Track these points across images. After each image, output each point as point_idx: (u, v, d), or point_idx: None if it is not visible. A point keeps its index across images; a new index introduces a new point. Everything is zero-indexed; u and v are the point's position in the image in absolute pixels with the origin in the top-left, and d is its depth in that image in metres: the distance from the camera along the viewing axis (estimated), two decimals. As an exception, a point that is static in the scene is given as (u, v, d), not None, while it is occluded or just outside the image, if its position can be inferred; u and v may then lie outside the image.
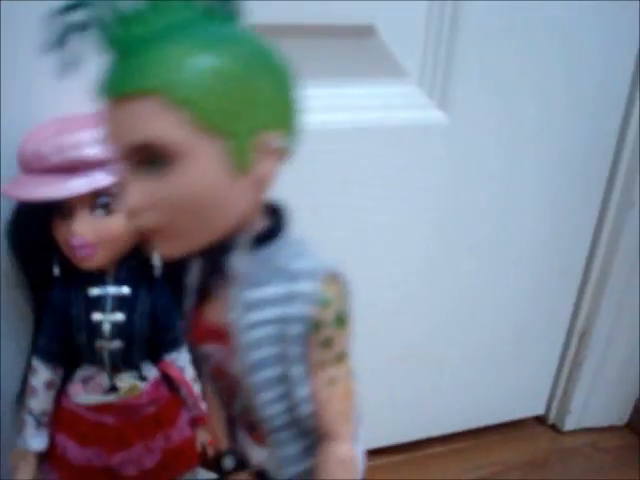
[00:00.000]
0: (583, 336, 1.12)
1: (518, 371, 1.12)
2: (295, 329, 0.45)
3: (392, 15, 0.80)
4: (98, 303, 0.69)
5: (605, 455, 1.15)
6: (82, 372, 0.71)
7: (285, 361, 0.47)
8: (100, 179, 0.63)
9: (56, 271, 0.70)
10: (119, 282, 0.70)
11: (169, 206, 0.41)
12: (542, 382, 1.17)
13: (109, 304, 0.69)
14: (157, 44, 0.39)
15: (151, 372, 0.73)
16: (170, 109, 0.39)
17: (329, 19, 0.79)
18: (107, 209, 0.65)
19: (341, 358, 0.48)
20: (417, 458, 1.10)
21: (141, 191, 0.41)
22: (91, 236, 0.65)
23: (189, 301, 0.52)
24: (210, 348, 0.51)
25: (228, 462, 0.59)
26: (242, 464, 0.58)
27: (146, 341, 0.71)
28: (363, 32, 0.81)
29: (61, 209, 0.65)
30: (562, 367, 1.16)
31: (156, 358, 0.73)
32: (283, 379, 0.47)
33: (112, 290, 0.69)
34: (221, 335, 0.48)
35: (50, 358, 0.70)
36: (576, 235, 1.05)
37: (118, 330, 0.69)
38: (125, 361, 0.70)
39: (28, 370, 0.73)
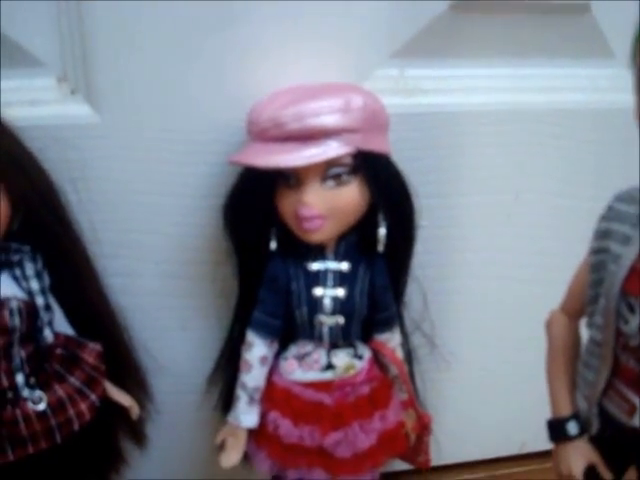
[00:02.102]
0: None
1: None
2: None
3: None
4: (319, 278, 0.68)
5: None
6: (298, 348, 0.70)
7: None
8: (335, 149, 0.61)
9: (274, 245, 0.69)
10: (339, 257, 0.68)
11: None
12: None
13: (330, 279, 0.68)
14: None
15: (366, 351, 0.71)
16: None
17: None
18: (338, 180, 0.64)
19: None
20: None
21: None
22: (321, 207, 0.64)
23: (633, 251, 0.50)
24: None
25: (572, 428, 0.58)
26: (584, 431, 0.58)
27: (363, 318, 0.69)
28: (578, 10, 0.78)
29: (289, 179, 0.64)
30: None
31: (369, 337, 0.71)
32: None
33: (333, 265, 0.68)
34: None
35: (267, 332, 0.69)
36: None
37: (339, 306, 0.67)
38: (343, 338, 0.69)
39: (231, 345, 0.74)
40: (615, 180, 0.55)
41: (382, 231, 0.67)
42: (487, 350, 0.89)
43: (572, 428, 0.59)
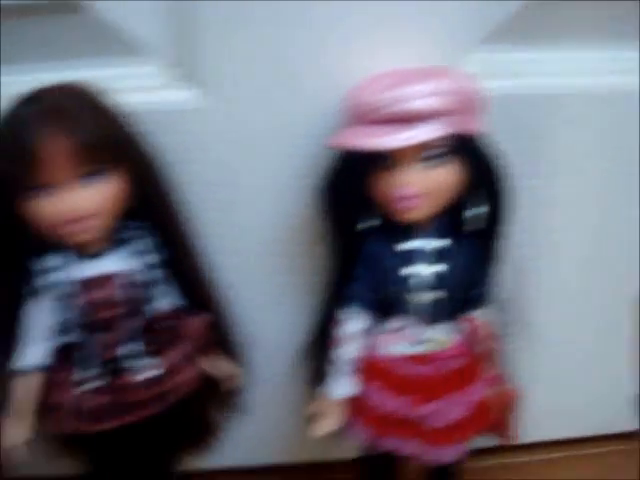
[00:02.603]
0: None
1: None
2: None
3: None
4: (414, 255, 0.70)
5: None
6: (394, 323, 0.73)
7: None
8: (430, 131, 0.63)
9: (370, 224, 0.72)
10: (434, 235, 0.70)
11: None
12: None
13: (426, 256, 0.70)
14: None
15: (458, 327, 0.73)
16: None
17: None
18: (434, 161, 0.66)
19: None
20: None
21: None
22: (419, 187, 0.66)
23: None
24: None
25: None
26: None
27: (458, 295, 0.71)
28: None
29: (385, 161, 0.67)
30: None
31: (462, 313, 0.73)
32: None
33: (427, 243, 0.70)
34: None
35: (363, 307, 0.72)
36: None
37: (436, 282, 0.70)
38: (438, 313, 0.71)
39: (325, 318, 0.76)
40: None
41: (479, 210, 0.70)
42: (576, 329, 0.90)
43: None
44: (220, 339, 0.77)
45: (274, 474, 0.98)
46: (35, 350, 0.67)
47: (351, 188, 0.71)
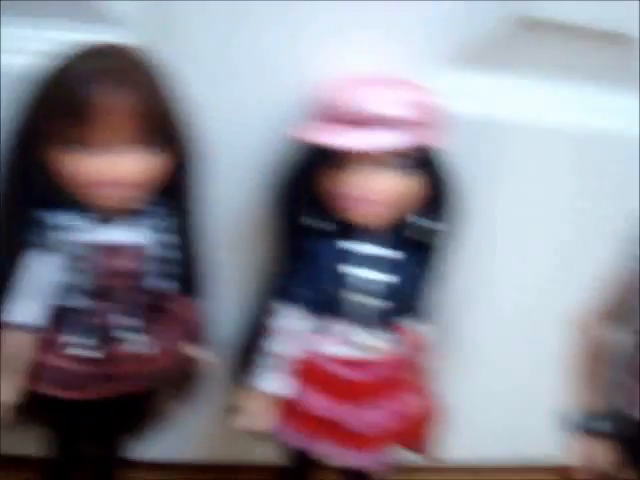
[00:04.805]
0: None
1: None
2: None
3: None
4: (362, 260, 0.71)
5: None
6: (331, 325, 0.73)
7: None
8: (396, 139, 0.65)
9: (321, 224, 0.73)
10: (384, 244, 0.72)
11: None
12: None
13: (374, 263, 0.71)
14: None
15: (395, 335, 0.75)
16: None
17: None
18: (400, 170, 0.68)
19: None
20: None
21: None
22: (380, 193, 0.68)
23: None
24: None
25: (603, 425, 0.63)
26: (612, 429, 0.63)
27: (399, 305, 0.73)
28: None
29: (342, 160, 0.68)
30: None
31: (402, 324, 0.75)
32: None
33: (377, 250, 0.72)
34: None
35: (300, 305, 0.72)
36: None
37: (379, 289, 0.71)
38: (378, 320, 0.73)
39: (263, 314, 0.76)
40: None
41: (429, 224, 0.72)
42: (511, 355, 0.95)
43: (601, 425, 0.63)
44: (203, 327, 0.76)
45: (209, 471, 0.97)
46: (33, 307, 0.65)
47: (303, 184, 0.72)
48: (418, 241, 0.73)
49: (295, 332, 0.74)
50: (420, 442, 0.82)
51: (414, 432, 0.79)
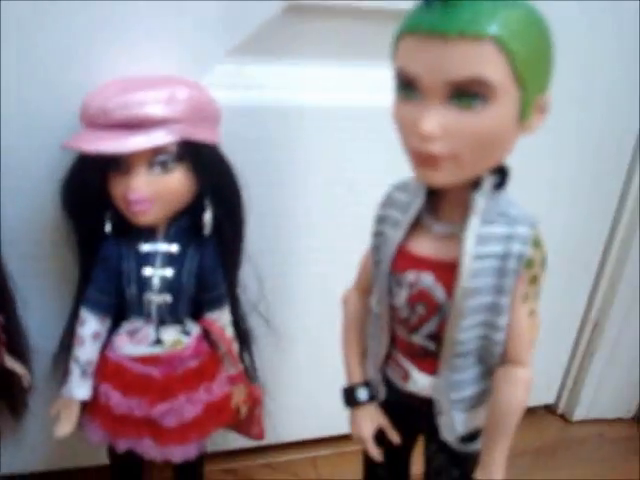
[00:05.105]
0: (596, 327, 1.15)
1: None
2: (512, 264, 0.52)
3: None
4: (148, 259, 0.72)
5: (611, 445, 1.18)
6: (129, 325, 0.75)
7: (498, 292, 0.53)
8: (161, 137, 0.66)
9: (108, 227, 0.73)
10: (169, 240, 0.73)
11: (467, 138, 0.47)
12: (554, 372, 1.20)
13: (159, 260, 0.72)
14: None
15: (194, 328, 0.76)
16: (499, 55, 0.45)
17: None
18: (164, 167, 0.68)
19: (538, 295, 0.55)
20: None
21: (442, 120, 0.47)
22: (148, 192, 0.68)
23: (399, 234, 0.57)
24: (413, 275, 0.56)
25: (362, 394, 0.65)
26: (373, 397, 0.65)
27: (191, 297, 0.74)
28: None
29: (119, 165, 0.68)
30: (574, 358, 1.19)
31: (199, 315, 0.76)
32: (490, 307, 0.54)
33: (162, 247, 0.73)
34: (427, 264, 0.55)
35: (99, 310, 0.73)
36: (592, 230, 1.09)
37: (167, 285, 0.72)
38: (171, 315, 0.74)
39: (73, 323, 0.76)
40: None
41: (207, 216, 0.72)
42: (319, 331, 0.95)
43: (362, 394, 0.65)
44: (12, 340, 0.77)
45: None
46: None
47: (88, 191, 0.72)
48: (198, 233, 0.73)
49: (95, 338, 0.75)
50: (245, 426, 0.85)
51: (233, 418, 0.80)
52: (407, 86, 0.49)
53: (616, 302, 1.12)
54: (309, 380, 0.99)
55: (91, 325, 0.74)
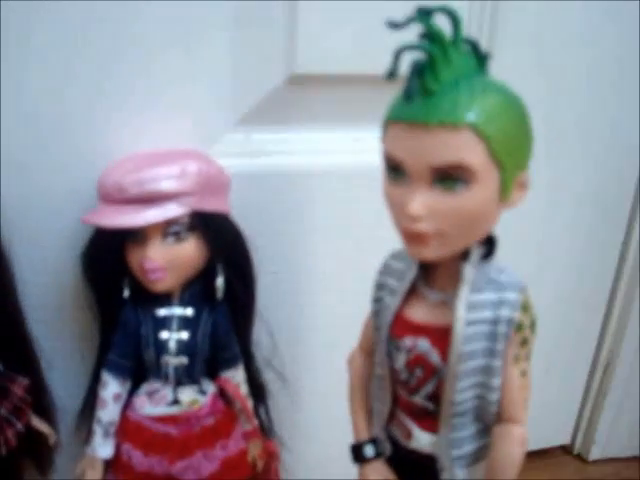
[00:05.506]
0: (607, 368, 1.17)
1: (545, 401, 1.16)
2: (503, 329, 0.55)
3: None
4: (165, 322, 0.76)
5: (628, 485, 1.19)
6: (148, 386, 0.79)
7: (491, 355, 0.56)
8: (173, 210, 0.71)
9: (126, 293, 0.77)
10: (184, 304, 0.77)
11: (451, 217, 0.51)
12: (568, 412, 1.22)
13: (175, 324, 0.76)
14: (459, 88, 0.49)
15: (210, 387, 0.79)
16: (477, 141, 0.48)
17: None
18: (177, 237, 0.73)
19: (529, 356, 0.58)
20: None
21: (427, 202, 0.50)
22: (163, 261, 0.72)
23: (396, 301, 0.60)
24: (411, 341, 0.59)
25: (369, 450, 0.67)
26: (380, 453, 0.67)
27: (206, 358, 0.78)
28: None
29: (135, 236, 0.73)
30: (587, 398, 1.21)
31: (215, 374, 0.80)
32: (484, 370, 0.57)
33: (178, 311, 0.77)
34: (423, 330, 0.58)
35: (120, 373, 0.78)
36: (599, 273, 1.11)
37: (183, 347, 0.76)
38: (187, 376, 0.77)
39: (95, 384, 0.80)
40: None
41: (219, 281, 0.77)
42: (333, 382, 0.97)
43: (369, 451, 0.67)
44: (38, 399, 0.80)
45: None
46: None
47: (107, 260, 0.76)
48: (212, 296, 0.78)
49: (116, 400, 0.79)
50: (264, 478, 0.87)
51: (250, 472, 0.83)
52: (395, 169, 0.52)
53: (625, 343, 1.14)
54: (324, 433, 1.01)
55: (112, 388, 0.78)
